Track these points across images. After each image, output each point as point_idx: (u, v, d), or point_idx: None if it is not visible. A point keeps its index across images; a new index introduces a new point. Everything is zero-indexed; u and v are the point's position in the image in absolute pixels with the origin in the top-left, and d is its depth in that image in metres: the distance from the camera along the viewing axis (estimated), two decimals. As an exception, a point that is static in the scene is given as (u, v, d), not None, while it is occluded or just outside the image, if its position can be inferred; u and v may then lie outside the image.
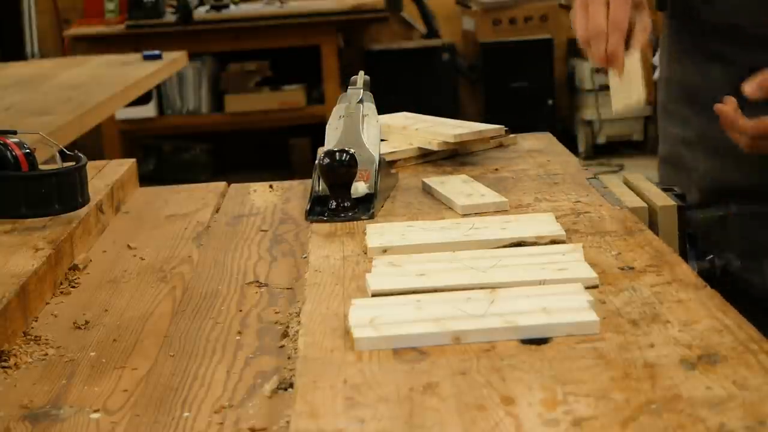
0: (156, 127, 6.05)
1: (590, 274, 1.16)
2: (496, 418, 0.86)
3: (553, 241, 1.29)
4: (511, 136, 1.83)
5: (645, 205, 1.44)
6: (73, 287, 1.38)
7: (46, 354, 1.16)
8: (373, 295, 1.14)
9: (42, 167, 1.57)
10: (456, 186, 1.54)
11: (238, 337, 1.18)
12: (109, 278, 1.40)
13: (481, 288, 1.12)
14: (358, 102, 1.57)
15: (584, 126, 6.19)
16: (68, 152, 1.52)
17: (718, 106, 1.46)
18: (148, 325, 1.23)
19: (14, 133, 1.54)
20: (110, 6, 5.97)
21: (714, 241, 1.55)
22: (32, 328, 1.24)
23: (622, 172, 1.61)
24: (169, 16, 5.79)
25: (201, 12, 5.83)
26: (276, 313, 1.24)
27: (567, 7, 6.23)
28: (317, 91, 6.00)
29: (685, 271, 1.18)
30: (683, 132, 1.70)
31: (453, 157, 1.76)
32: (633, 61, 1.49)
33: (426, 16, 6.22)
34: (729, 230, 1.60)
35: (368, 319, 1.04)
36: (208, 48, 5.91)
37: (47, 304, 1.32)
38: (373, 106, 1.58)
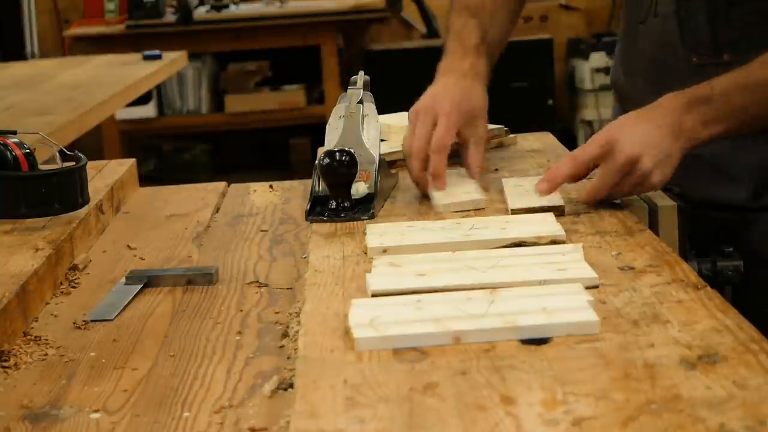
0: (156, 127, 6.04)
1: (590, 274, 1.16)
2: (496, 418, 0.86)
3: (553, 241, 1.29)
4: (511, 136, 1.83)
5: (645, 205, 1.44)
6: (73, 287, 1.38)
7: (46, 354, 1.16)
8: (373, 295, 1.14)
9: (42, 167, 1.57)
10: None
11: (238, 337, 1.18)
12: (109, 278, 1.40)
13: (481, 288, 1.12)
14: (358, 102, 1.57)
15: (584, 126, 6.18)
16: (68, 152, 1.52)
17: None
18: (148, 325, 1.23)
19: (14, 133, 1.54)
20: (110, 6, 5.96)
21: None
22: (32, 328, 1.24)
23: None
24: (169, 16, 5.78)
25: (201, 12, 5.82)
26: (276, 313, 1.24)
27: (567, 7, 6.24)
28: (317, 91, 5.99)
29: (685, 271, 1.18)
30: None
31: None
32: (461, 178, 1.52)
33: (426, 16, 6.21)
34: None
35: (368, 319, 1.04)
36: (208, 48, 5.90)
37: (47, 304, 1.32)
38: (373, 106, 1.58)
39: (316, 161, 1.49)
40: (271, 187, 1.80)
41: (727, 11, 1.57)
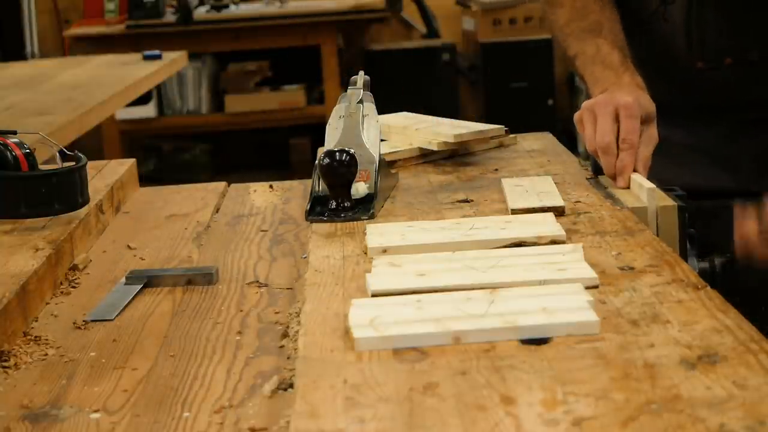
0: (156, 127, 6.04)
1: (590, 274, 1.16)
2: (496, 418, 0.86)
3: (553, 241, 1.29)
4: (511, 136, 1.83)
5: (645, 205, 1.43)
6: (73, 287, 1.38)
7: (46, 354, 1.16)
8: (373, 295, 1.14)
9: (42, 167, 1.57)
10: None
11: (238, 337, 1.18)
12: (109, 278, 1.40)
13: (481, 288, 1.12)
14: (358, 102, 1.57)
15: (584, 126, 6.18)
16: (68, 152, 1.52)
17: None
18: (148, 325, 1.23)
19: (14, 133, 1.54)
20: (110, 6, 5.96)
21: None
22: (32, 328, 1.24)
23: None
24: (169, 16, 5.78)
25: (201, 12, 5.82)
26: (276, 313, 1.24)
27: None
28: (317, 91, 5.99)
29: (685, 271, 1.18)
30: None
31: (453, 157, 1.76)
32: (638, 176, 1.49)
33: (426, 16, 6.21)
34: None
35: (368, 319, 1.04)
36: (208, 48, 5.91)
37: (47, 304, 1.32)
38: (373, 106, 1.58)
39: (316, 161, 1.49)
40: (271, 187, 1.80)
41: (737, 21, 1.61)
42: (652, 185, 1.44)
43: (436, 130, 1.75)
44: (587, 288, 1.10)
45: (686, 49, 1.66)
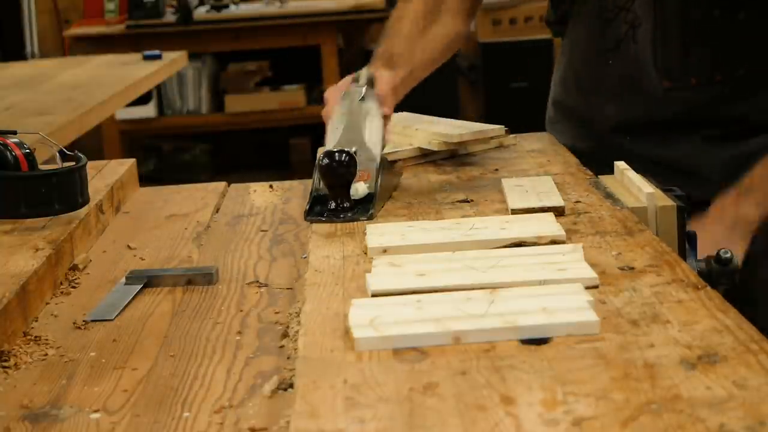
0: (156, 127, 6.04)
1: (590, 274, 1.16)
2: (496, 418, 0.86)
3: (553, 241, 1.29)
4: (511, 136, 1.83)
5: (645, 205, 1.44)
6: (73, 287, 1.38)
7: (46, 354, 1.16)
8: (373, 295, 1.14)
9: (42, 167, 1.57)
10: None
11: (238, 337, 1.18)
12: (109, 278, 1.40)
13: (481, 288, 1.12)
14: (360, 100, 1.56)
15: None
16: (68, 152, 1.52)
17: None
18: (147, 325, 1.23)
19: (14, 133, 1.54)
20: (110, 6, 5.96)
21: None
22: (32, 328, 1.24)
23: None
24: (169, 16, 5.79)
25: (201, 12, 5.83)
26: (276, 313, 1.24)
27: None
28: (317, 91, 5.99)
29: (685, 271, 1.18)
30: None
31: (453, 157, 1.76)
32: (638, 179, 1.52)
33: (426, 16, 6.20)
34: None
35: (368, 319, 1.04)
36: (208, 48, 5.91)
37: (47, 304, 1.32)
38: (376, 105, 1.57)
39: (316, 161, 1.49)
40: (271, 187, 1.80)
41: (699, 40, 1.66)
42: (651, 189, 1.44)
43: (436, 130, 1.75)
44: (587, 288, 1.10)
45: (654, 70, 1.70)
